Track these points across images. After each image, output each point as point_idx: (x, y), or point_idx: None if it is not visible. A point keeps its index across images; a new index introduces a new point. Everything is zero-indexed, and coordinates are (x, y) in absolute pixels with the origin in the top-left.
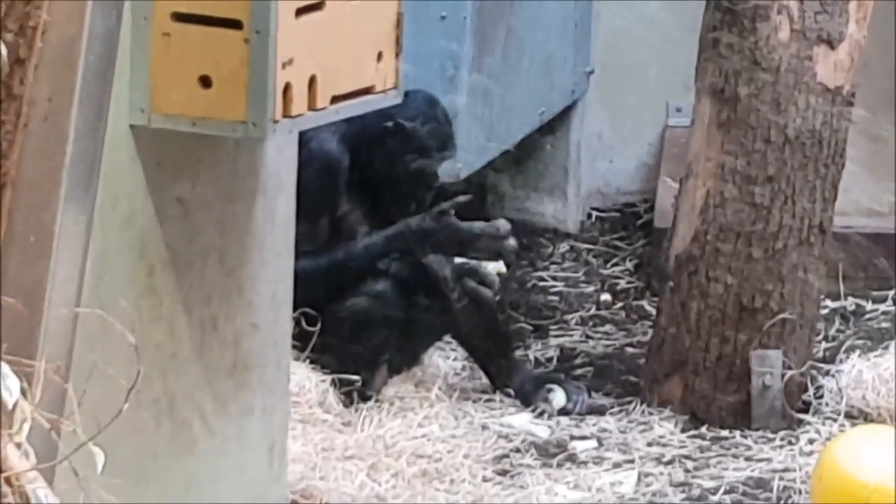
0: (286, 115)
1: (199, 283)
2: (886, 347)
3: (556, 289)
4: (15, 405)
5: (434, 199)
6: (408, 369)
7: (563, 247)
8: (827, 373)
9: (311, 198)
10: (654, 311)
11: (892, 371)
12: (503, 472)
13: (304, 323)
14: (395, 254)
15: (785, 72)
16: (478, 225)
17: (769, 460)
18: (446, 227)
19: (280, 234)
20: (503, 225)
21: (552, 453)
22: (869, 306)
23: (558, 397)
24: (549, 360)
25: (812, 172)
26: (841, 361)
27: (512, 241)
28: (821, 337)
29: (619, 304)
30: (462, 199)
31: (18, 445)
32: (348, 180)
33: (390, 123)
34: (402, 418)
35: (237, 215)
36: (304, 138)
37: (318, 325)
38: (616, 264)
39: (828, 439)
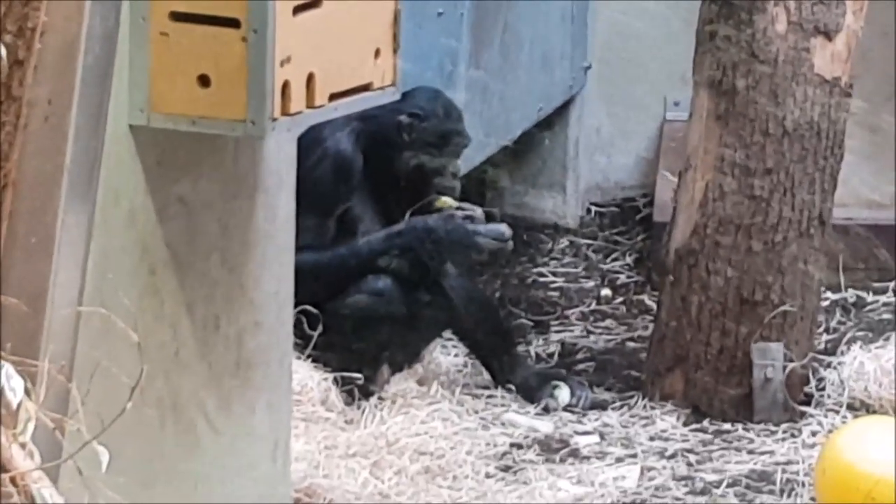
0: (285, 112)
1: (201, 282)
2: (888, 339)
3: (556, 284)
4: (19, 405)
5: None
6: (409, 366)
7: (563, 242)
8: (828, 365)
9: (324, 195)
10: (654, 306)
11: (894, 362)
12: (506, 468)
13: (305, 325)
14: (397, 251)
15: (782, 63)
16: (483, 228)
17: (772, 453)
18: (453, 231)
19: (281, 231)
20: (507, 231)
21: (555, 449)
22: (870, 298)
23: (564, 394)
24: (551, 355)
25: (811, 164)
26: (842, 353)
27: (510, 245)
28: (822, 329)
29: (620, 299)
30: (478, 212)
31: (23, 445)
32: (361, 177)
33: (404, 117)
34: (404, 415)
35: (238, 213)
36: (319, 136)
37: (320, 327)
38: (616, 259)
39: (830, 431)
